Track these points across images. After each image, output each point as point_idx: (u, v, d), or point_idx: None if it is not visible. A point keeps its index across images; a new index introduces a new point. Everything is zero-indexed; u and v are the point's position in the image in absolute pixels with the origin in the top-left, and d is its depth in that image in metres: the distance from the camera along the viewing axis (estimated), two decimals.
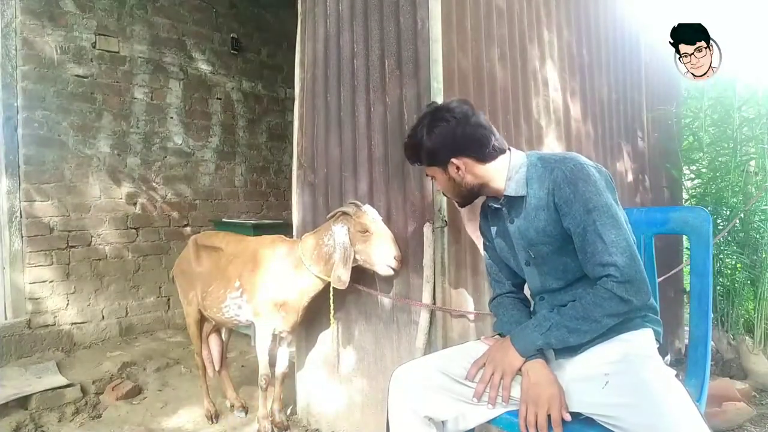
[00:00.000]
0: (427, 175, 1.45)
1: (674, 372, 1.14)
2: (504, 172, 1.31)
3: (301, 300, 2.09)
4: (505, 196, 1.31)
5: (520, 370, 1.23)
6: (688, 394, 1.07)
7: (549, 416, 1.13)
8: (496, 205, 1.37)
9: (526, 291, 1.48)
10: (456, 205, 1.48)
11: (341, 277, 1.93)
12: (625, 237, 1.15)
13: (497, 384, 1.22)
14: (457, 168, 1.30)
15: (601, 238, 1.15)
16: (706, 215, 1.40)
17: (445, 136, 1.28)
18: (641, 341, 1.22)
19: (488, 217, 1.45)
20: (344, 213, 1.95)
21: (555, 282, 1.30)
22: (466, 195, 1.37)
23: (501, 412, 1.25)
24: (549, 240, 1.25)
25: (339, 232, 1.95)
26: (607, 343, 1.21)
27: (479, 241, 1.70)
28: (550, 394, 1.14)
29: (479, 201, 1.47)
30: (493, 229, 1.43)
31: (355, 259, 1.95)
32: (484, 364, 1.26)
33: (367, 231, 1.89)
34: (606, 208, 1.16)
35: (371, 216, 1.92)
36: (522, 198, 1.28)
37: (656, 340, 1.28)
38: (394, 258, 1.87)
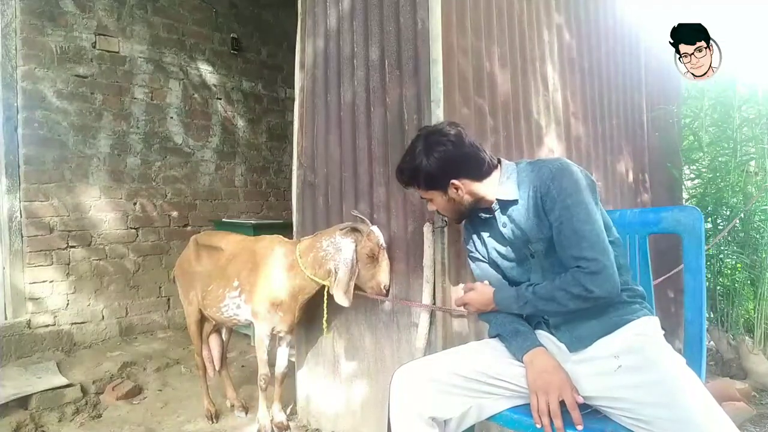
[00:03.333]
0: (422, 198, 1.48)
1: (684, 360, 1.15)
2: (496, 183, 1.38)
3: (296, 301, 2.10)
4: (497, 200, 1.37)
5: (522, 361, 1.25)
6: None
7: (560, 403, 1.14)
8: (487, 215, 1.42)
9: None
10: (453, 221, 1.55)
11: (347, 293, 1.92)
12: (597, 233, 1.21)
13: None
14: (456, 189, 1.36)
15: (575, 233, 1.21)
16: (698, 214, 1.42)
17: (445, 160, 1.33)
18: (648, 327, 1.25)
19: (476, 227, 1.49)
20: (355, 230, 1.95)
21: (553, 276, 1.31)
22: (463, 212, 1.44)
23: (505, 406, 1.26)
24: (543, 237, 1.30)
25: (346, 247, 1.94)
26: (615, 333, 1.24)
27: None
28: (560, 379, 1.16)
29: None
30: (485, 236, 1.47)
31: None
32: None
33: (373, 257, 1.90)
34: (583, 206, 1.22)
35: (380, 242, 1.92)
36: (514, 201, 1.34)
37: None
38: (383, 287, 1.92)
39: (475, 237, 1.51)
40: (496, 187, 1.37)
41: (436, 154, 1.33)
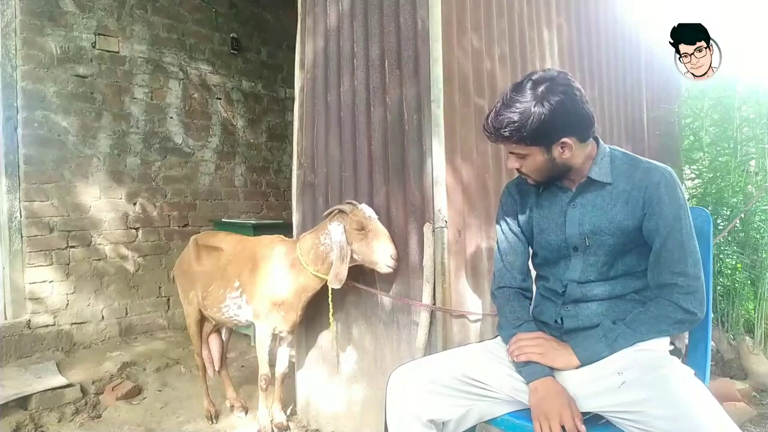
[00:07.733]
0: (511, 153, 1.26)
1: (692, 371, 1.13)
2: (590, 155, 1.27)
3: (300, 299, 2.10)
4: (588, 177, 1.26)
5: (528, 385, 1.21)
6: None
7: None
8: (559, 185, 1.32)
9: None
10: (533, 182, 1.32)
11: (338, 275, 1.93)
12: (698, 252, 1.19)
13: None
14: (563, 147, 1.20)
15: (681, 247, 1.18)
16: (707, 215, 1.41)
17: (563, 113, 1.15)
18: (652, 342, 1.22)
19: (532, 195, 1.38)
20: (340, 211, 1.95)
21: (594, 274, 1.28)
22: (555, 175, 1.27)
23: (506, 410, 1.25)
24: (618, 233, 1.23)
25: (335, 230, 1.95)
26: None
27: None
28: (560, 405, 1.13)
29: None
30: (539, 210, 1.36)
31: (352, 258, 1.94)
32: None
33: (363, 228, 1.88)
34: (689, 220, 1.20)
35: (367, 213, 1.92)
36: (601, 185, 1.26)
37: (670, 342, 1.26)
38: (391, 257, 1.86)
39: (519, 199, 1.39)
40: (586, 160, 1.26)
41: (553, 101, 1.14)
